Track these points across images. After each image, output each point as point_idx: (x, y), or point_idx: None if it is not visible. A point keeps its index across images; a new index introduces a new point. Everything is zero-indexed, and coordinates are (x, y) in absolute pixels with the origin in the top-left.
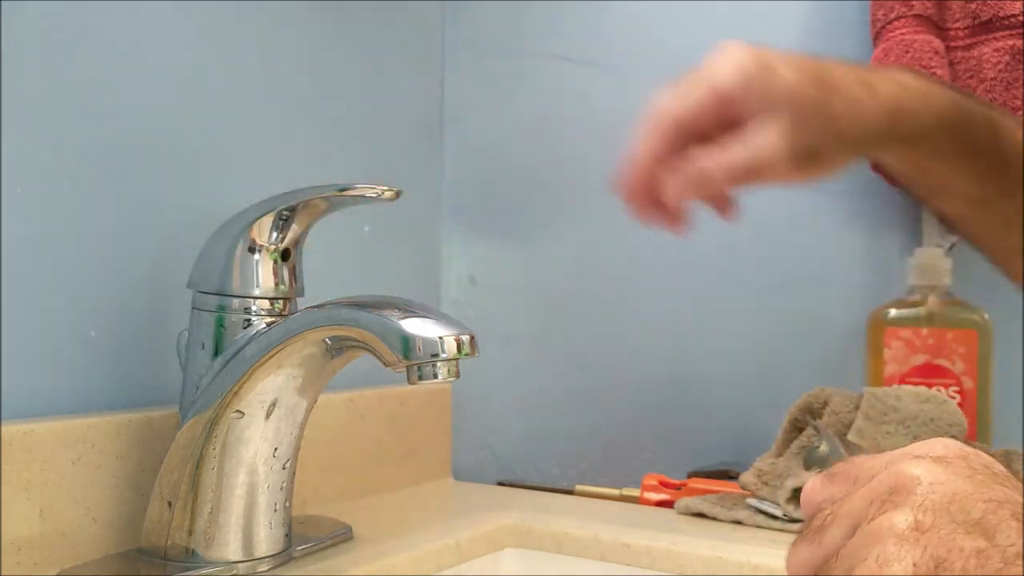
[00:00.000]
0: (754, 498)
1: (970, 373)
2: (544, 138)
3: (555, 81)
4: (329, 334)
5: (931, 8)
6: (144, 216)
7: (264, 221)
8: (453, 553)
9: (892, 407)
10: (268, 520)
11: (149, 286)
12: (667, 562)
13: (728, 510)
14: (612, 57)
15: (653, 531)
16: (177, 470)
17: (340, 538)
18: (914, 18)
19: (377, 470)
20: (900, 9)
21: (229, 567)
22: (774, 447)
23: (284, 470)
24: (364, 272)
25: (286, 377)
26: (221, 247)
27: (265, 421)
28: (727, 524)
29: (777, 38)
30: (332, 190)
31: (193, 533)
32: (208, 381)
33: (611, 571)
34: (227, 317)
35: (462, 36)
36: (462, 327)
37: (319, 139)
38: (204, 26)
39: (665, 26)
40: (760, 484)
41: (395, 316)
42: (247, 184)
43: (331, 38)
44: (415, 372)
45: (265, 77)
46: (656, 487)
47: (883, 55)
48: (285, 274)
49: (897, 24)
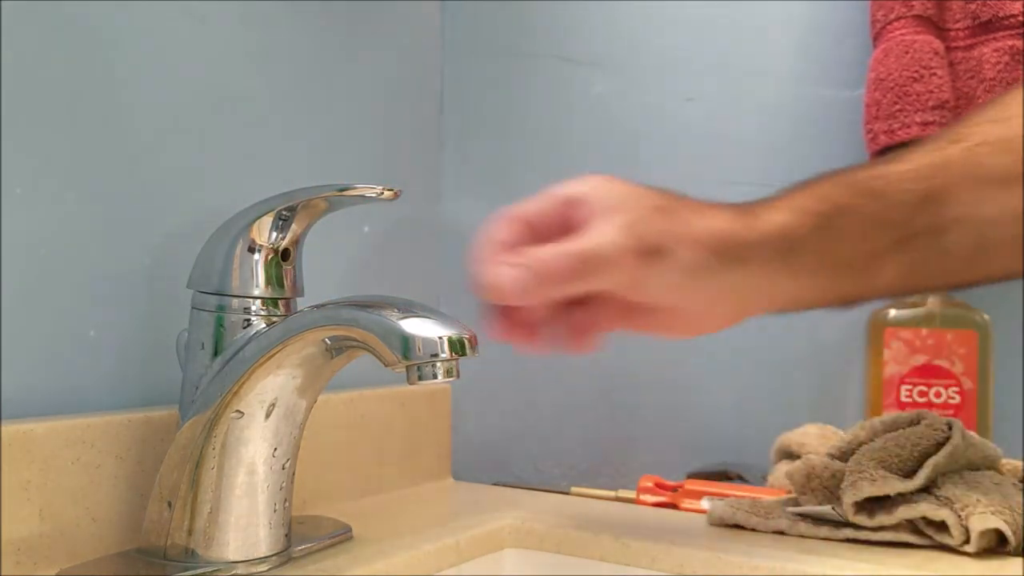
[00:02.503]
0: (794, 503)
1: (970, 373)
2: (544, 138)
3: (555, 81)
4: (329, 334)
5: (931, 8)
6: (144, 216)
7: (264, 221)
8: (453, 553)
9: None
10: (268, 520)
11: (149, 286)
12: (667, 562)
13: (766, 519)
14: (612, 57)
15: (653, 531)
16: (177, 470)
17: (340, 538)
18: (914, 19)
19: (377, 470)
20: (900, 10)
21: (229, 567)
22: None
23: (284, 470)
24: (364, 272)
25: (286, 377)
26: (221, 247)
27: (265, 421)
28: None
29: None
30: (332, 190)
31: (193, 533)
32: (208, 381)
33: (611, 571)
34: (227, 317)
35: (462, 36)
36: (462, 327)
37: (319, 139)
38: (204, 26)
39: (665, 26)
40: (807, 487)
41: (395, 316)
42: (247, 184)
43: (331, 38)
44: (415, 372)
45: (265, 77)
46: (652, 489)
47: (883, 55)
48: (285, 274)
49: (897, 24)
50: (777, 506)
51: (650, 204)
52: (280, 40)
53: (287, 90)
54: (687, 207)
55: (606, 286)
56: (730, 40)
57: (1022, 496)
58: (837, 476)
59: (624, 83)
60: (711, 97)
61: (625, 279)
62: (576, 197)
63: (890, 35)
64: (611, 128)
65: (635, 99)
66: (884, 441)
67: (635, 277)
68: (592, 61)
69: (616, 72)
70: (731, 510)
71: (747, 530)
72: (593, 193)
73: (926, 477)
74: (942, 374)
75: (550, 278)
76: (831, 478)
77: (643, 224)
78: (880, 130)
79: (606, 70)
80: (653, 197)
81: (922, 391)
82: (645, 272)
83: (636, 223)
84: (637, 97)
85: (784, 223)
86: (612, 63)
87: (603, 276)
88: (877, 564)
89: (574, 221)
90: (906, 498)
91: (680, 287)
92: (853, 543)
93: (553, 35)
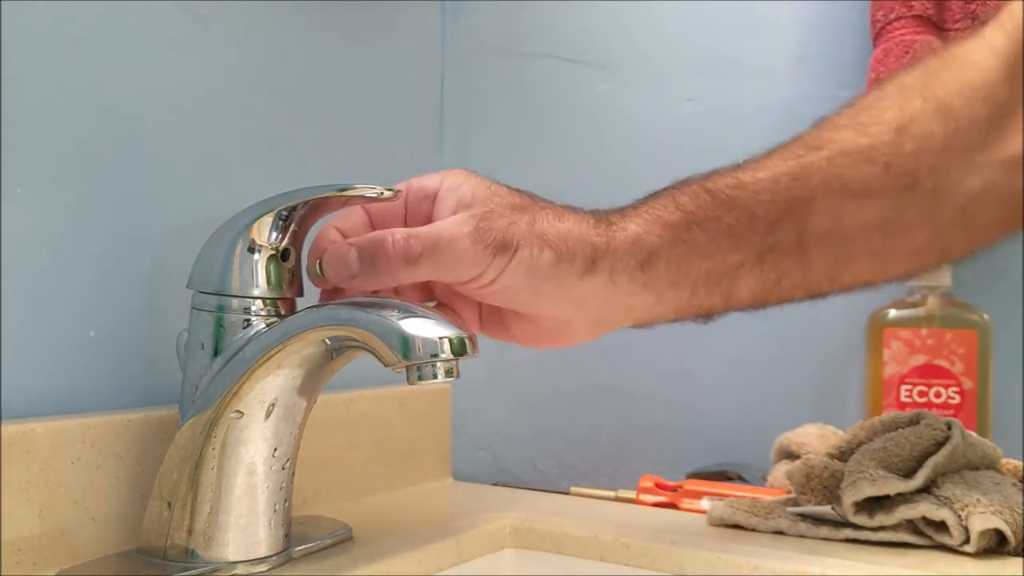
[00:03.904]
0: (794, 504)
1: (970, 374)
2: (544, 138)
3: (555, 81)
4: (329, 334)
5: (931, 9)
6: (144, 216)
7: (264, 221)
8: (453, 553)
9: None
10: (268, 520)
11: (149, 286)
12: (667, 562)
13: (766, 519)
14: (612, 57)
15: (653, 531)
16: (176, 470)
17: (340, 538)
18: (914, 19)
19: (377, 470)
20: (900, 10)
21: (228, 567)
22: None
23: (284, 470)
24: None
25: (286, 377)
26: (221, 247)
27: (264, 421)
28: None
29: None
30: (332, 190)
31: (192, 533)
32: (207, 381)
33: (611, 571)
34: (226, 317)
35: (462, 36)
36: (462, 327)
37: (319, 139)
38: (203, 25)
39: (665, 26)
40: (807, 487)
41: (395, 316)
42: (247, 184)
43: (331, 38)
44: (415, 372)
45: (265, 77)
46: (652, 489)
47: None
48: (285, 274)
49: (897, 25)
50: (777, 506)
51: (505, 201)
52: (280, 40)
53: (287, 90)
54: (543, 208)
55: (451, 278)
56: (730, 40)
57: (1022, 496)
58: (836, 476)
59: (624, 83)
60: (711, 97)
61: (470, 273)
62: (429, 190)
63: (890, 35)
64: (611, 128)
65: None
66: (884, 441)
67: (482, 272)
68: (592, 61)
69: (616, 72)
70: (731, 510)
71: (747, 530)
72: (446, 186)
73: (926, 477)
74: (942, 374)
75: (385, 260)
76: (830, 478)
77: (492, 218)
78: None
79: (606, 70)
80: (510, 196)
81: (922, 391)
82: (492, 269)
83: (486, 216)
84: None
85: (638, 234)
86: (612, 63)
87: (446, 266)
88: (877, 564)
89: (426, 214)
90: (906, 498)
91: (528, 289)
92: (853, 543)
93: (553, 35)
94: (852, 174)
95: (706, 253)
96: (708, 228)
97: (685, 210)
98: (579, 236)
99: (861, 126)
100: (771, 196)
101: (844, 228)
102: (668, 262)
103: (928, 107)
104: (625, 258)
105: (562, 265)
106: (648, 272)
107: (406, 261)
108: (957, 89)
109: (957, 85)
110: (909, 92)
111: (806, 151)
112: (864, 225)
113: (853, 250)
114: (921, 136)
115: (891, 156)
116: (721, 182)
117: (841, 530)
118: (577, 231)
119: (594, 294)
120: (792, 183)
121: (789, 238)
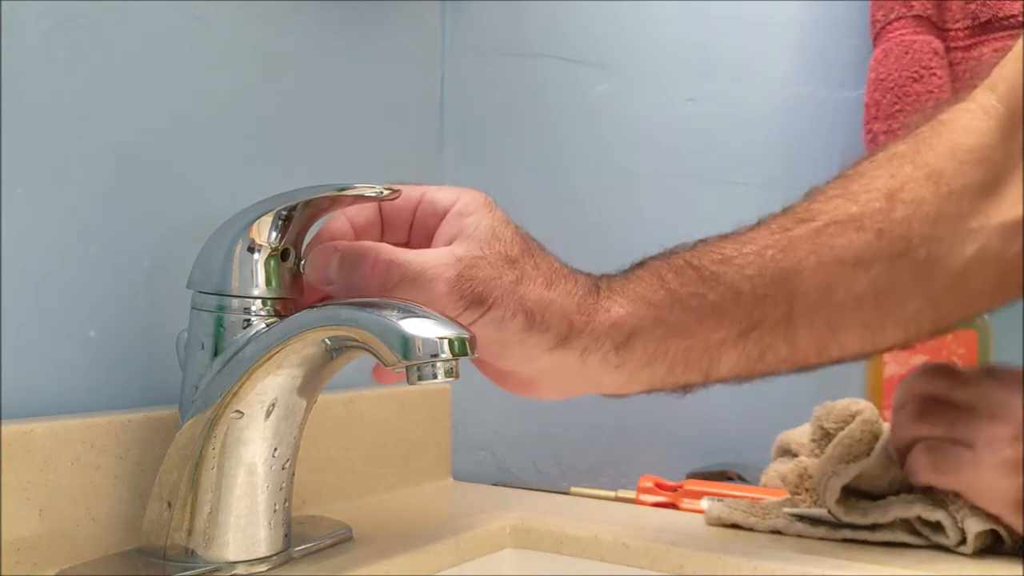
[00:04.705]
0: (790, 505)
1: None
2: (544, 138)
3: (555, 81)
4: (329, 334)
5: (931, 9)
6: (144, 216)
7: (264, 221)
8: (453, 553)
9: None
10: (268, 520)
11: (149, 286)
12: (667, 562)
13: (763, 519)
14: (612, 57)
15: (653, 531)
16: (176, 470)
17: (340, 538)
18: (914, 19)
19: (376, 470)
20: (900, 10)
21: (228, 567)
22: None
23: (284, 470)
24: None
25: (286, 377)
26: (221, 247)
27: (265, 421)
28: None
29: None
30: (332, 190)
31: (192, 533)
32: (207, 381)
33: (611, 571)
34: (226, 317)
35: (462, 36)
36: (462, 327)
37: (319, 139)
38: (203, 25)
39: (666, 26)
40: (800, 487)
41: (395, 316)
42: (247, 184)
43: (330, 38)
44: (415, 372)
45: (265, 77)
46: (652, 489)
47: (883, 56)
48: (285, 274)
49: (897, 25)
50: (775, 507)
51: (500, 250)
52: (280, 40)
53: (287, 90)
54: (537, 267)
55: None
56: (730, 40)
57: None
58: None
59: (624, 83)
60: (711, 98)
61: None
62: (440, 207)
63: (890, 35)
64: (611, 128)
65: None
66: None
67: (454, 317)
68: (592, 61)
69: (616, 72)
70: (728, 510)
71: (746, 530)
72: (456, 209)
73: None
74: None
75: (361, 278)
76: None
77: (478, 267)
78: (880, 130)
79: (606, 70)
80: (511, 243)
81: None
82: (463, 318)
83: (472, 265)
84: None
85: (620, 316)
86: (612, 63)
87: (419, 300)
88: (876, 564)
89: (431, 228)
90: (901, 498)
91: (495, 345)
92: (851, 543)
93: (553, 35)
94: (843, 242)
95: (686, 333)
96: (691, 306)
97: (669, 288)
98: (560, 309)
99: (851, 194)
100: (757, 270)
101: (834, 300)
102: (646, 343)
103: (918, 173)
104: (601, 339)
105: (532, 334)
106: (622, 355)
107: (381, 286)
108: (948, 153)
109: (948, 149)
110: (899, 159)
111: (795, 224)
112: (855, 295)
113: (843, 322)
114: (912, 202)
115: (882, 223)
116: (707, 257)
117: (839, 530)
118: (560, 303)
119: (562, 368)
120: (779, 255)
121: (776, 313)
